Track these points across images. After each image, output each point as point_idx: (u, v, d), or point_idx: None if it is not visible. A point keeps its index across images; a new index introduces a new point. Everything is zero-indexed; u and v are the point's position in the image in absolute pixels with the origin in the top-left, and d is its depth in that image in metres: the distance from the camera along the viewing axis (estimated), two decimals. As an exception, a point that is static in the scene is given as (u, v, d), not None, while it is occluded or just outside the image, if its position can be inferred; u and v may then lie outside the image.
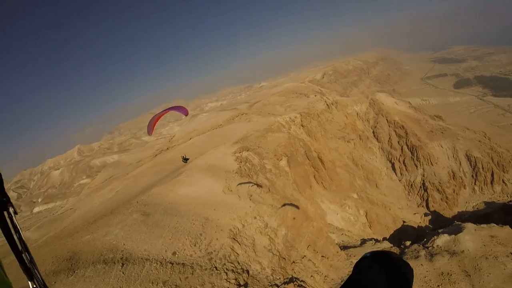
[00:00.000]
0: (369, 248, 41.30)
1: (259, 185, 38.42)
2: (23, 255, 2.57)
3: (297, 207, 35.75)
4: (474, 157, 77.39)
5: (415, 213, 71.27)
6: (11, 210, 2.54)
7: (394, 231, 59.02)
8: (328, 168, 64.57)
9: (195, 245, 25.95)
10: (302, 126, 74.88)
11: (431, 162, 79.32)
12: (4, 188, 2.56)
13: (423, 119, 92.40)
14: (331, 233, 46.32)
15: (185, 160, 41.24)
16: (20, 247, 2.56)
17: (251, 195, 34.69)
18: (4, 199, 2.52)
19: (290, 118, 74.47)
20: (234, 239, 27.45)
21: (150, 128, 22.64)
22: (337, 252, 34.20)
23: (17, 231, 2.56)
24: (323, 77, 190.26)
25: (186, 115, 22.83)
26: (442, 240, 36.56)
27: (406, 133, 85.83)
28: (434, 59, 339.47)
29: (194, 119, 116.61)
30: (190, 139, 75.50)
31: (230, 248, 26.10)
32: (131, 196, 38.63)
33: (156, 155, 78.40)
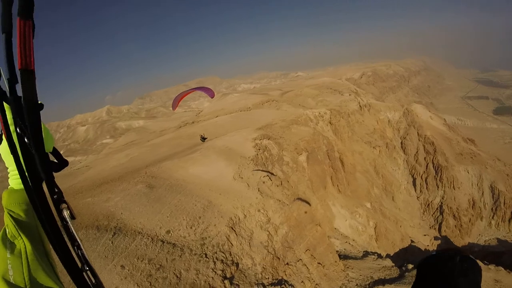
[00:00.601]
0: (370, 262, 39.50)
1: (272, 175, 37.30)
2: (84, 273, 1.97)
3: (306, 206, 34.42)
4: (499, 190, 73.06)
5: (425, 235, 68.44)
6: (65, 213, 2.01)
7: (400, 249, 56.70)
8: (347, 171, 62.45)
9: (191, 227, 25.15)
10: (330, 123, 72.73)
11: (454, 186, 75.49)
12: (53, 178, 1.92)
13: (455, 139, 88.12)
14: (335, 238, 44.71)
15: (203, 139, 41.04)
16: (80, 264, 1.99)
17: (260, 186, 33.57)
18: (55, 195, 1.96)
19: (319, 113, 72.39)
20: (232, 228, 26.46)
21: (175, 104, 22.95)
22: (336, 261, 32.65)
23: (75, 243, 2.04)
24: (361, 77, 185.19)
25: (212, 97, 22.87)
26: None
27: (435, 151, 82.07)
28: (478, 79, 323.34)
29: (224, 98, 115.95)
30: (217, 117, 75.18)
31: (225, 237, 25.14)
32: (143, 165, 38.19)
33: (180, 127, 78.64)
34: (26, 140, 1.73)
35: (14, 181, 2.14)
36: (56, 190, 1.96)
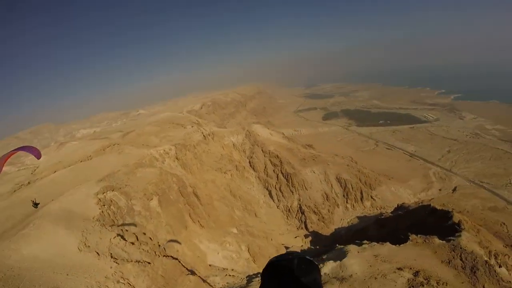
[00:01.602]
0: (256, 285, 39.87)
1: (122, 236, 34.77)
2: None
3: (172, 257, 33.01)
4: (344, 179, 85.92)
5: (296, 237, 74.37)
6: None
7: (279, 260, 59.63)
8: (204, 204, 62.94)
9: None
10: (177, 159, 72.57)
11: (306, 187, 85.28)
12: None
13: (296, 148, 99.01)
14: (214, 276, 44.20)
15: (36, 205, 35.25)
16: None
17: (113, 250, 30.95)
18: None
19: (164, 150, 71.66)
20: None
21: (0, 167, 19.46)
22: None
23: None
24: (202, 108, 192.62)
25: (39, 158, 20.22)
26: (328, 267, 36.35)
27: (281, 162, 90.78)
28: (305, 94, 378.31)
29: (62, 148, 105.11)
30: (55, 172, 67.79)
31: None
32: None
33: (14, 190, 68.34)
34: None
35: None
36: None
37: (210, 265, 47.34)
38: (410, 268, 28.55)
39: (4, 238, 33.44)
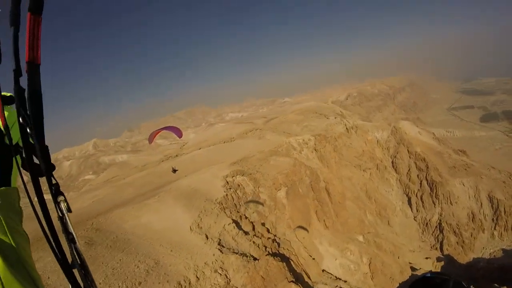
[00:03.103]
0: None
1: (238, 223, 32.44)
2: (74, 270, 1.94)
3: (281, 257, 29.33)
4: (497, 199, 68.24)
5: (427, 257, 62.77)
6: (63, 206, 2.01)
7: (400, 284, 51.17)
8: (335, 202, 57.43)
9: None
10: (315, 150, 68.35)
11: (451, 201, 70.14)
12: (52, 169, 2.01)
13: (446, 152, 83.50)
14: (323, 284, 39.25)
15: (174, 171, 37.45)
16: (72, 259, 1.96)
17: (223, 237, 28.72)
18: (53, 186, 2.00)
19: (303, 140, 68.25)
20: (178, 299, 21.61)
21: (150, 140, 22.13)
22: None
23: (69, 236, 1.98)
24: (347, 99, 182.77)
25: (180, 137, 22.20)
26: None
27: (427, 167, 77.21)
28: (462, 89, 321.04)
29: (210, 128, 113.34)
30: (200, 149, 71.57)
31: (167, 313, 20.33)
32: (95, 213, 33.30)
33: (162, 161, 74.48)
34: (28, 130, 1.79)
35: None
36: (54, 182, 1.95)
37: (323, 271, 41.96)
38: None
39: (132, 202, 34.75)
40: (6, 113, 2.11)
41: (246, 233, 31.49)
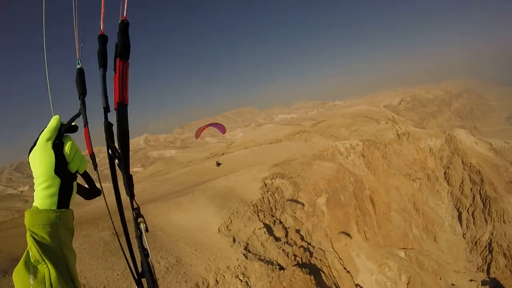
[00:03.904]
0: None
1: (270, 228, 31.01)
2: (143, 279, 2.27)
3: (309, 270, 27.49)
4: None
5: (471, 280, 56.94)
6: (142, 226, 2.33)
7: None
8: (379, 213, 54.02)
9: None
10: (362, 156, 65.13)
11: (504, 220, 63.13)
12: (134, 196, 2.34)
13: (503, 166, 75.96)
14: (356, 300, 37.07)
15: (218, 164, 38.81)
16: (142, 270, 2.29)
17: (251, 241, 27.43)
18: (135, 210, 2.36)
19: (350, 145, 65.34)
20: (195, 302, 20.68)
21: (197, 135, 22.44)
22: None
23: (144, 251, 2.27)
24: (400, 104, 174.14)
25: (224, 133, 22.03)
26: None
27: (482, 180, 70.46)
28: None
29: (258, 128, 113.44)
30: (246, 148, 71.38)
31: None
32: (127, 206, 33.36)
33: (208, 158, 75.06)
34: (116, 161, 2.10)
35: (42, 194, 2.02)
36: (136, 206, 2.32)
37: (357, 285, 39.50)
38: None
39: (166, 198, 34.52)
40: (69, 142, 2.18)
41: (277, 239, 29.97)
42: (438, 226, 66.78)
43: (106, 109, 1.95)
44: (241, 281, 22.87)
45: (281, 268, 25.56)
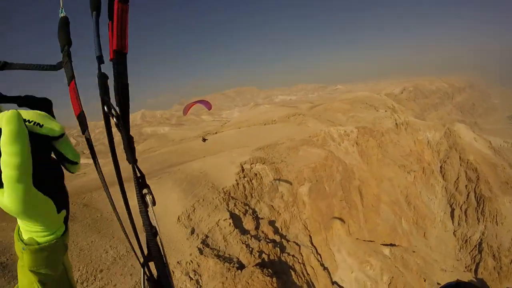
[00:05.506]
0: None
1: (240, 219, 28.85)
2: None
3: (271, 272, 25.25)
4: None
5: (458, 280, 55.82)
6: (148, 198, 1.88)
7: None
8: (366, 205, 51.72)
9: (82, 283, 18.66)
10: (356, 143, 62.71)
11: (496, 221, 61.55)
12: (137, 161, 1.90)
13: (501, 165, 73.37)
14: (332, 299, 35.12)
15: (204, 140, 40.28)
16: (150, 252, 1.86)
17: (212, 234, 25.25)
18: (139, 179, 1.90)
19: (345, 131, 62.86)
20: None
21: (185, 112, 22.13)
22: None
23: (154, 231, 1.85)
24: (402, 93, 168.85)
25: (209, 109, 21.78)
26: None
27: (478, 178, 68.19)
28: None
29: (255, 108, 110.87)
30: (239, 128, 69.51)
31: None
32: (93, 187, 31.08)
33: (200, 136, 73.22)
34: (114, 120, 1.73)
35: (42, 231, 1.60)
36: (139, 175, 1.89)
37: (334, 283, 37.43)
38: None
39: (131, 181, 32.29)
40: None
41: (244, 232, 27.82)
42: (429, 221, 64.82)
43: (100, 59, 1.63)
44: (191, 279, 20.84)
45: (240, 267, 23.42)
